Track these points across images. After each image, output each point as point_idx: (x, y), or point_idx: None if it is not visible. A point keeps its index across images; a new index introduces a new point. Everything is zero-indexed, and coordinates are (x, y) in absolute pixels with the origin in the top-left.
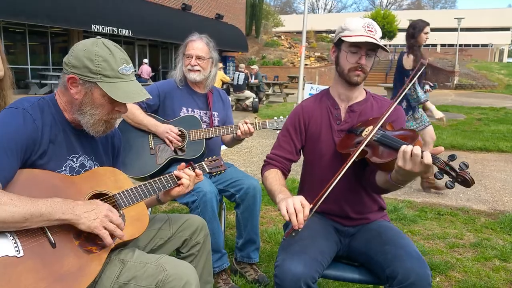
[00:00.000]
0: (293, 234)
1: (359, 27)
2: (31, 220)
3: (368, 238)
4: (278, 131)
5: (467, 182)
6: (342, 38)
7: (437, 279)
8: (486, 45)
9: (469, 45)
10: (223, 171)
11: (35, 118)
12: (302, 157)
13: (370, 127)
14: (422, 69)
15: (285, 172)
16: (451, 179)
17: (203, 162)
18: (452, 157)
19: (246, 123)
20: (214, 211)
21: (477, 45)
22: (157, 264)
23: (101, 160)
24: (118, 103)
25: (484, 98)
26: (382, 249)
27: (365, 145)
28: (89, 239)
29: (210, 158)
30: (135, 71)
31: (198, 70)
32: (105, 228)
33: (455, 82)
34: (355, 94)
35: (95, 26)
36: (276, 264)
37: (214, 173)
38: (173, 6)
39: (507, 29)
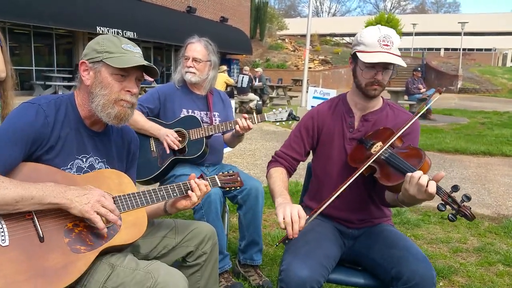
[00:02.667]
0: (286, 241)
1: (374, 42)
2: (22, 202)
3: (373, 241)
4: (277, 123)
5: (467, 217)
6: (357, 54)
7: (441, 284)
8: (489, 50)
9: (472, 49)
10: (238, 188)
11: (48, 114)
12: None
13: (380, 143)
14: (437, 97)
15: (291, 171)
16: (453, 212)
17: (216, 176)
18: (455, 188)
19: (245, 118)
20: (217, 212)
21: (481, 50)
22: (146, 271)
23: (113, 164)
24: (127, 82)
25: (487, 102)
26: (387, 252)
27: (374, 162)
28: (79, 238)
29: (226, 172)
30: None
31: (194, 72)
32: (98, 213)
33: (458, 86)
34: (371, 104)
35: (100, 28)
36: (282, 268)
37: (228, 188)
38: (178, 9)
39: (510, 33)
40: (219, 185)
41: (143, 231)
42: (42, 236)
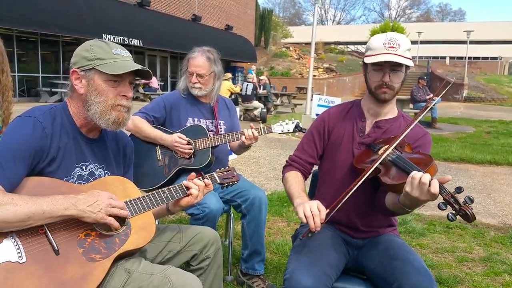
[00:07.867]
0: (309, 235)
1: (380, 45)
2: (33, 218)
3: (376, 252)
4: (284, 135)
5: (468, 217)
6: (365, 59)
7: None
8: (495, 58)
9: (478, 58)
10: (235, 182)
11: (45, 126)
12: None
13: (387, 146)
14: (448, 86)
15: (306, 175)
16: (453, 211)
17: (214, 173)
18: (459, 189)
19: (251, 128)
20: (214, 225)
21: (486, 58)
22: (163, 275)
23: (111, 169)
24: (121, 87)
25: (493, 111)
26: (389, 264)
27: (381, 164)
28: (93, 247)
29: (223, 168)
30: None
31: (199, 87)
32: (111, 215)
33: (464, 94)
34: (384, 111)
35: (106, 36)
36: (285, 277)
37: (226, 184)
38: (183, 17)
39: None
40: (218, 181)
41: (152, 233)
42: (57, 249)
